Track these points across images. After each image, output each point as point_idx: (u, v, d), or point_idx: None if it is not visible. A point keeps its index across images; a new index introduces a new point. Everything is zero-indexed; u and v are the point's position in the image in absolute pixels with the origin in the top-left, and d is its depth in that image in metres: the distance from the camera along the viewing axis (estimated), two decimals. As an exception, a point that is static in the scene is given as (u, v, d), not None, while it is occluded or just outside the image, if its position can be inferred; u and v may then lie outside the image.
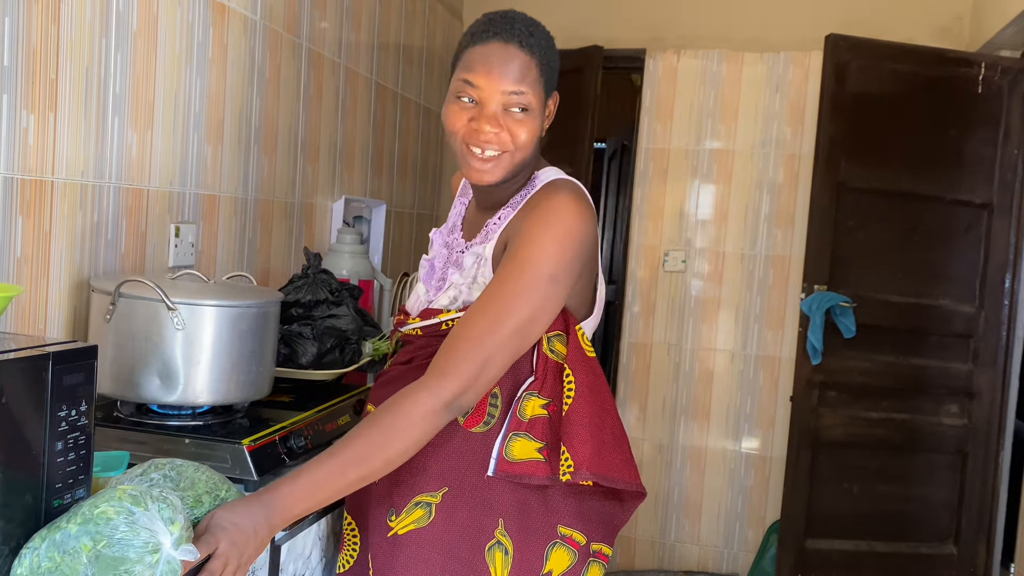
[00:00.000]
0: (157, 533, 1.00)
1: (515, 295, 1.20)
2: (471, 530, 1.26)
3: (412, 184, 3.40)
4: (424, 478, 1.28)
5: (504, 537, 1.26)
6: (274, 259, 2.39)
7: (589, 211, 1.26)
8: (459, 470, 1.27)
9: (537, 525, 1.27)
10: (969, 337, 3.22)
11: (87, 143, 1.63)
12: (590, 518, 1.31)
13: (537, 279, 1.20)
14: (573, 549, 1.29)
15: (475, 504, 1.26)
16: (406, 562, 1.27)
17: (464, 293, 1.32)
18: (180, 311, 1.45)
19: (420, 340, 1.35)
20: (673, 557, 3.78)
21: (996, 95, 3.16)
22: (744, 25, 3.62)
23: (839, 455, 3.22)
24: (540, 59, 1.26)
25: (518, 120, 1.26)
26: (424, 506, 1.28)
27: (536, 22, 1.30)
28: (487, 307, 1.21)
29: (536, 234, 1.22)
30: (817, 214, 3.16)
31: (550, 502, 1.28)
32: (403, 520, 1.28)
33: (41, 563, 0.98)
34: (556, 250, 1.21)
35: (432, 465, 1.28)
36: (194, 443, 1.45)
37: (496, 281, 1.22)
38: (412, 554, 1.27)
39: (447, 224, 1.48)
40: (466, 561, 1.26)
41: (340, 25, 2.65)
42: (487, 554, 1.26)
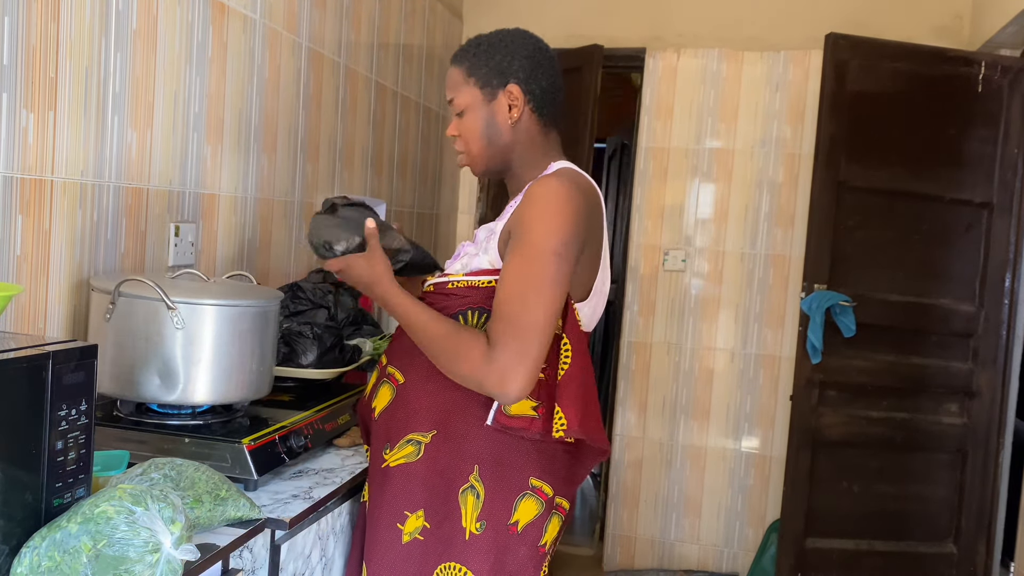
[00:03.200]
0: (157, 532, 1.00)
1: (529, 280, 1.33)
2: (450, 471, 1.41)
3: (412, 183, 3.40)
4: (418, 419, 1.44)
5: (477, 482, 1.40)
6: (274, 258, 2.39)
7: (577, 191, 1.39)
8: (449, 417, 1.42)
9: (510, 476, 1.41)
10: (969, 336, 3.22)
11: (87, 142, 1.63)
12: (557, 473, 1.44)
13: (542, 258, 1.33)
14: (541, 500, 1.42)
15: (456, 449, 1.41)
16: (393, 491, 1.44)
17: (472, 261, 1.46)
18: (180, 310, 1.45)
19: (430, 297, 1.48)
20: (673, 556, 3.78)
21: (996, 94, 3.15)
22: (744, 24, 3.62)
23: (839, 454, 3.22)
24: (468, 64, 1.48)
25: (461, 122, 1.51)
26: (415, 443, 1.44)
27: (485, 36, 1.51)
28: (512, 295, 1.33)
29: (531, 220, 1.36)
30: (817, 213, 3.16)
31: (524, 456, 1.41)
32: (395, 454, 1.45)
33: (41, 562, 0.98)
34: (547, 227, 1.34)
35: (426, 408, 1.44)
36: (194, 442, 1.45)
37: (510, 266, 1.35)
38: (399, 486, 1.43)
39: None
40: (443, 499, 1.41)
41: (340, 24, 2.65)
42: (460, 495, 1.40)
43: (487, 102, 1.47)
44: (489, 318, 1.38)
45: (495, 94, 1.47)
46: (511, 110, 1.47)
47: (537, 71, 1.48)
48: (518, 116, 1.47)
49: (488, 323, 1.36)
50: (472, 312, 1.41)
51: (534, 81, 1.47)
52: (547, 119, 1.50)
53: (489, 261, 1.42)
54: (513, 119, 1.47)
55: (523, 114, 1.48)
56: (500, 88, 1.47)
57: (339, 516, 1.61)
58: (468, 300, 1.42)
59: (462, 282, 1.43)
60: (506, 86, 1.46)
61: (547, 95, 1.49)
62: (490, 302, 1.38)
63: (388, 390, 1.50)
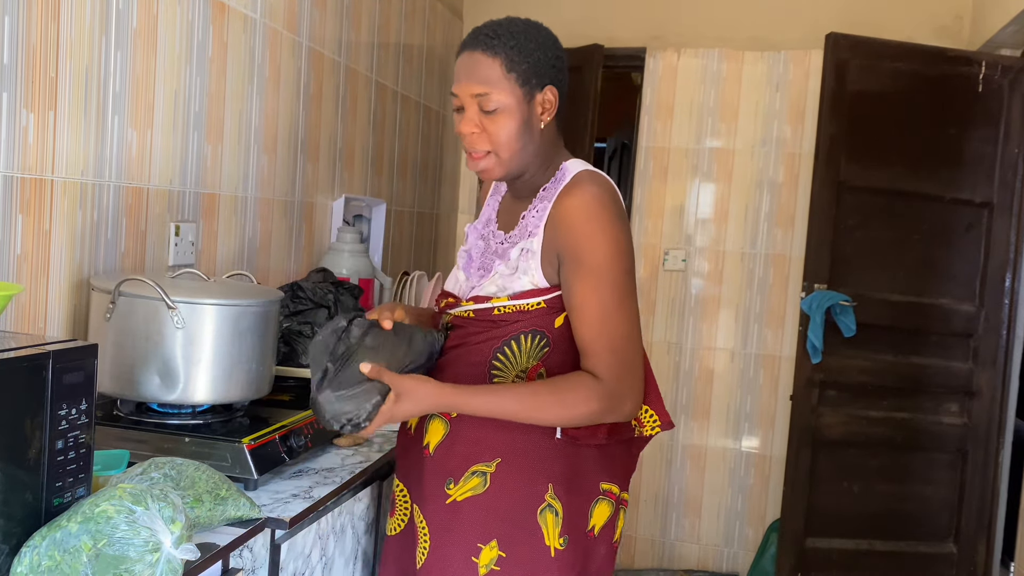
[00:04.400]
0: (157, 532, 1.00)
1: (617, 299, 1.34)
2: (522, 496, 1.38)
3: (412, 183, 3.40)
4: (479, 449, 1.39)
5: (554, 500, 1.38)
6: (274, 258, 2.39)
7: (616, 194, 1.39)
8: (511, 442, 1.38)
9: (582, 486, 1.41)
10: (969, 336, 3.22)
11: (87, 142, 1.63)
12: (617, 471, 1.46)
13: (620, 275, 1.34)
14: (611, 501, 1.45)
15: (526, 472, 1.38)
16: (464, 526, 1.39)
17: (509, 282, 1.41)
18: (180, 310, 1.45)
19: (472, 325, 1.42)
20: (673, 556, 3.78)
21: (996, 94, 3.15)
22: (744, 24, 3.62)
23: (839, 454, 3.22)
24: (506, 57, 1.35)
25: (493, 119, 1.37)
26: (480, 475, 1.39)
27: (511, 23, 1.39)
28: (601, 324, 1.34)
29: (591, 240, 1.33)
30: (817, 213, 3.16)
31: (593, 462, 1.42)
32: (461, 488, 1.40)
33: (41, 561, 0.98)
34: (614, 245, 1.34)
35: (486, 437, 1.39)
36: (194, 442, 1.45)
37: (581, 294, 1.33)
38: (470, 519, 1.39)
39: (480, 219, 1.58)
40: (519, 524, 1.38)
41: (340, 24, 2.65)
42: (539, 516, 1.38)
43: (526, 102, 1.37)
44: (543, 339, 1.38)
45: (533, 94, 1.37)
46: (542, 113, 1.39)
47: (563, 73, 1.41)
48: (549, 120, 1.40)
49: (585, 357, 1.34)
50: (525, 336, 1.38)
51: (563, 86, 1.41)
52: (560, 120, 1.44)
53: (531, 282, 1.38)
54: (544, 123, 1.39)
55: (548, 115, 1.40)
56: (538, 89, 1.37)
57: (339, 516, 1.61)
58: (520, 324, 1.38)
59: (510, 307, 1.38)
60: (543, 88, 1.38)
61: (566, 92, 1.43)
62: (541, 322, 1.37)
63: (440, 424, 1.42)
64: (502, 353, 1.39)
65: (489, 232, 1.51)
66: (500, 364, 1.39)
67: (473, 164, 1.41)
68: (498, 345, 1.39)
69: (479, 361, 1.40)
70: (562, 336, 1.39)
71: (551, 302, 1.38)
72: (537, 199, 1.42)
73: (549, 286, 1.38)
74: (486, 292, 1.41)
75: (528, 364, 1.39)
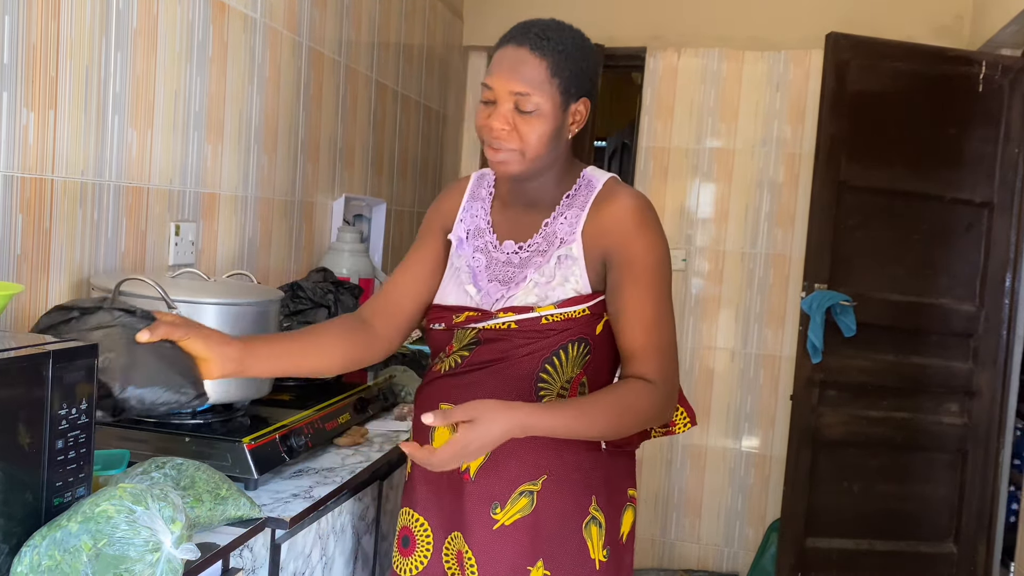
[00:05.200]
0: (158, 532, 1.00)
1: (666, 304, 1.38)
2: (568, 511, 1.36)
3: (412, 183, 3.40)
4: (526, 468, 1.35)
5: (598, 512, 1.38)
6: (274, 257, 2.39)
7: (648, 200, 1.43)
8: (555, 457, 1.36)
9: (617, 495, 1.42)
10: (969, 336, 3.22)
11: (87, 141, 1.63)
12: (633, 474, 1.48)
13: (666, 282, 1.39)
14: (634, 506, 1.46)
15: (572, 486, 1.36)
16: (512, 551, 1.35)
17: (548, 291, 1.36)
18: (180, 309, 1.45)
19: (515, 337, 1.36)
20: (673, 556, 3.78)
21: (997, 94, 3.15)
22: (744, 24, 3.62)
23: (839, 454, 3.22)
24: (553, 62, 1.32)
25: (526, 120, 1.32)
26: (527, 495, 1.36)
27: (560, 27, 1.36)
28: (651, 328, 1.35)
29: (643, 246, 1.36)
30: (817, 213, 3.16)
31: (624, 470, 1.44)
32: (510, 511, 1.36)
33: (41, 561, 0.98)
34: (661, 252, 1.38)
35: (532, 455, 1.35)
36: (194, 441, 1.45)
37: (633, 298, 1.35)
38: (518, 542, 1.35)
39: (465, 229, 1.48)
40: (565, 539, 1.35)
41: (340, 24, 2.65)
42: (584, 530, 1.37)
43: (562, 110, 1.34)
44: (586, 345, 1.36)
45: (568, 104, 1.35)
46: (572, 124, 1.38)
47: (596, 87, 1.41)
48: (576, 132, 1.39)
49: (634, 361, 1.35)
50: (572, 344, 1.36)
51: (596, 98, 1.41)
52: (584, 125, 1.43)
53: (575, 289, 1.36)
54: (572, 134, 1.39)
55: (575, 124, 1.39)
56: (574, 99, 1.36)
57: (339, 515, 1.61)
58: (568, 333, 1.35)
59: (558, 315, 1.35)
60: (579, 99, 1.36)
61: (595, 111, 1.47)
62: (587, 329, 1.36)
63: None
64: (550, 364, 1.35)
65: (486, 243, 1.44)
66: (547, 376, 1.35)
67: (493, 154, 1.35)
68: (547, 355, 1.35)
69: (525, 374, 1.35)
70: (601, 342, 1.38)
71: (594, 308, 1.36)
72: (562, 206, 1.40)
73: (592, 292, 1.36)
74: (525, 302, 1.36)
75: (572, 373, 1.37)
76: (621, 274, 1.35)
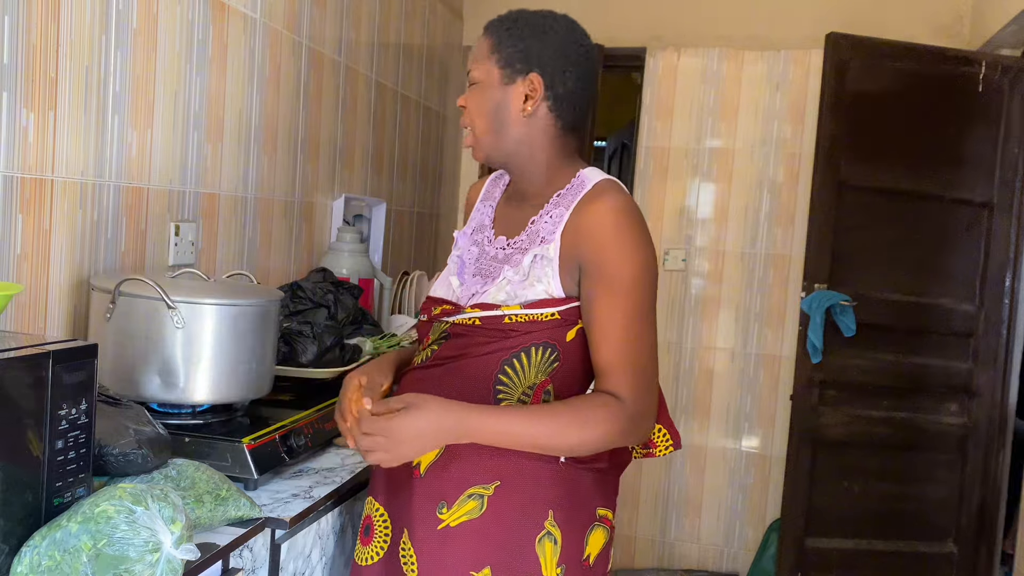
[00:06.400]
0: (157, 532, 1.00)
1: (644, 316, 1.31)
2: (521, 522, 1.30)
3: (412, 183, 3.40)
4: (478, 470, 1.31)
5: (554, 528, 1.31)
6: (274, 258, 2.39)
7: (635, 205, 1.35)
8: (511, 464, 1.30)
9: (580, 512, 1.34)
10: (969, 336, 3.22)
11: (87, 141, 1.63)
12: (610, 495, 1.40)
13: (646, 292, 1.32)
14: (607, 528, 1.38)
15: (527, 496, 1.30)
16: (456, 553, 1.30)
17: (520, 290, 1.32)
18: (180, 310, 1.45)
19: (477, 334, 1.33)
20: (673, 556, 3.78)
21: (997, 94, 3.15)
22: (744, 23, 3.62)
23: (839, 454, 3.22)
24: (496, 38, 1.36)
25: (471, 93, 1.38)
26: (477, 498, 1.31)
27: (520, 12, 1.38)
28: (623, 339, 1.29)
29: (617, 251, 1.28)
30: (817, 213, 3.15)
31: (591, 488, 1.35)
32: (456, 512, 1.31)
33: (41, 561, 0.98)
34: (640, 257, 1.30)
35: (486, 458, 1.30)
36: (194, 442, 1.45)
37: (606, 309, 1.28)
38: (462, 546, 1.30)
39: (469, 226, 1.51)
40: (516, 552, 1.30)
41: (340, 24, 2.65)
42: (537, 545, 1.30)
43: (502, 84, 1.34)
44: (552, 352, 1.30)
45: (514, 79, 1.34)
46: (527, 101, 1.34)
47: (567, 69, 1.35)
48: (531, 110, 1.34)
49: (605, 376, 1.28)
50: (536, 348, 1.30)
51: (559, 79, 1.34)
52: (566, 123, 1.37)
53: (546, 291, 1.30)
54: (527, 112, 1.34)
55: (539, 109, 1.35)
56: (521, 75, 1.34)
57: (339, 515, 1.61)
58: (532, 336, 1.30)
59: (523, 316, 1.30)
60: (528, 74, 1.33)
61: (571, 98, 1.36)
62: (553, 335, 1.30)
63: None
64: (510, 366, 1.30)
65: (484, 238, 1.44)
66: (507, 379, 1.30)
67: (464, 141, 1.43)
68: (506, 357, 1.30)
69: (482, 376, 1.31)
70: (573, 351, 1.31)
71: (565, 314, 1.30)
72: (550, 204, 1.36)
73: (564, 296, 1.30)
74: (494, 299, 1.33)
75: (536, 380, 1.30)
76: (594, 283, 1.28)
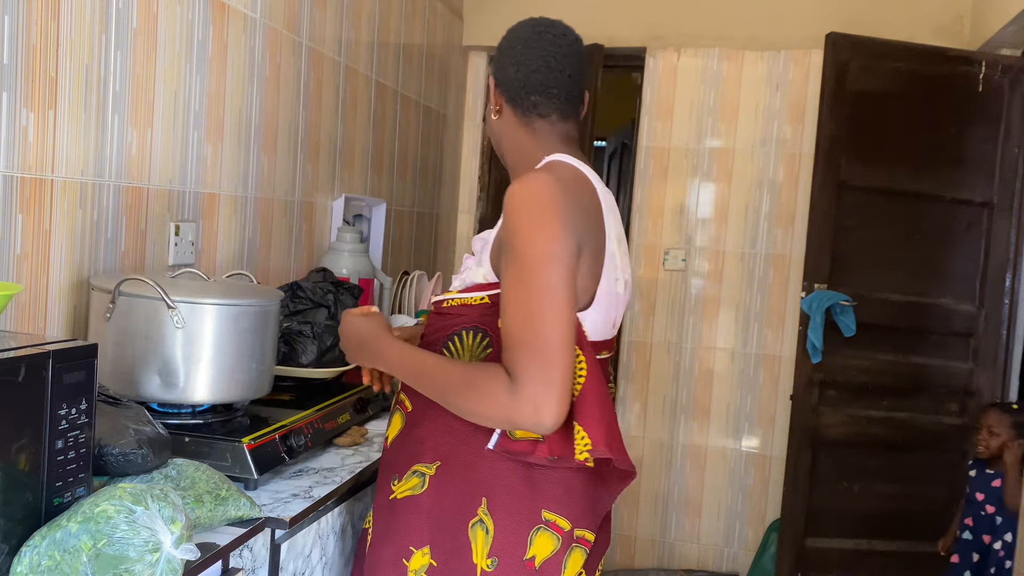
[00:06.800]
0: (157, 532, 1.00)
1: (528, 294, 1.20)
2: (457, 505, 1.30)
3: (412, 183, 3.40)
4: (423, 449, 1.34)
5: (486, 516, 1.29)
6: (274, 257, 2.39)
7: (558, 186, 1.25)
8: (451, 446, 1.32)
9: (521, 508, 1.29)
10: (969, 336, 3.22)
11: (87, 141, 1.63)
12: (574, 504, 1.31)
13: (536, 268, 1.20)
14: (557, 535, 1.29)
15: (463, 481, 1.30)
16: (400, 526, 1.34)
17: (470, 275, 1.35)
18: (180, 310, 1.45)
19: (430, 320, 1.41)
20: (673, 555, 3.78)
21: (997, 94, 3.15)
22: (744, 23, 3.62)
23: (839, 454, 3.22)
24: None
25: None
26: (419, 475, 1.34)
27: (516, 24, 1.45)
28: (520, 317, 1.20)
29: (518, 227, 1.22)
30: (817, 213, 3.16)
31: (537, 486, 1.29)
32: (402, 486, 1.35)
33: (41, 561, 0.98)
34: (534, 233, 1.21)
35: (429, 438, 1.33)
36: (194, 442, 1.45)
37: (508, 287, 1.22)
38: (406, 519, 1.34)
39: None
40: (451, 534, 1.30)
41: (340, 23, 2.65)
42: (470, 530, 1.29)
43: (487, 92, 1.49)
44: (484, 337, 1.30)
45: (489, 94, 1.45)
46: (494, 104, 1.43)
47: (505, 59, 1.40)
48: (498, 110, 1.42)
49: (504, 353, 1.21)
50: (466, 332, 1.31)
51: (501, 70, 1.41)
52: (525, 108, 1.39)
53: (483, 275, 1.31)
54: (495, 114, 1.43)
55: (503, 108, 1.41)
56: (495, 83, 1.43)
57: (339, 515, 1.61)
58: (463, 319, 1.31)
59: (456, 300, 1.33)
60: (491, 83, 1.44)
61: (518, 82, 1.38)
62: (485, 320, 1.30)
63: (399, 418, 1.40)
64: (447, 349, 1.33)
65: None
66: None
67: None
68: (443, 340, 1.33)
69: None
70: None
71: (496, 299, 1.28)
72: None
73: (496, 281, 1.29)
74: (453, 287, 1.38)
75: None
76: (506, 262, 1.23)
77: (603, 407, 1.24)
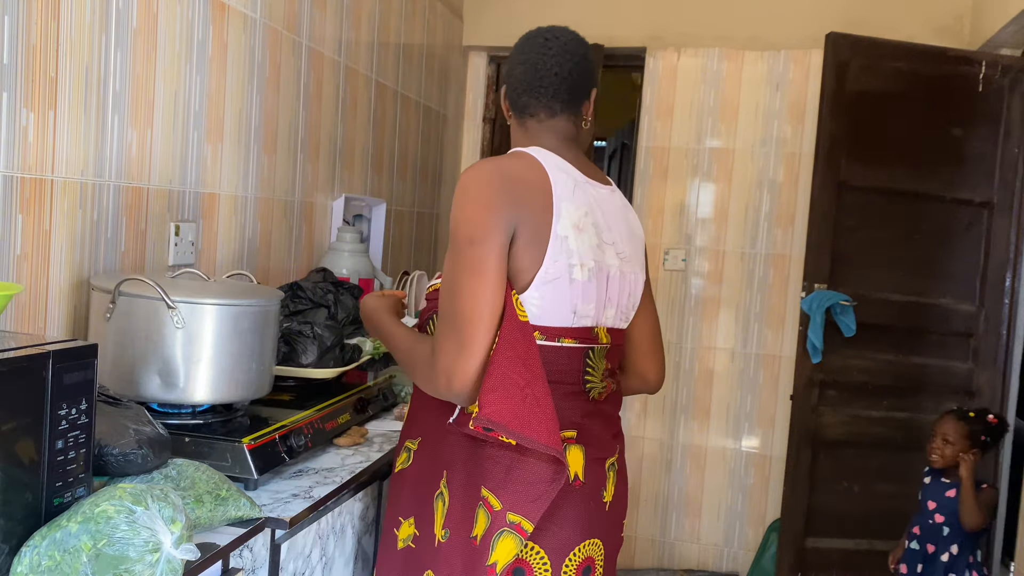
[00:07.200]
0: (157, 532, 1.00)
1: (453, 272, 1.31)
2: (428, 477, 1.40)
3: (412, 183, 3.40)
4: (410, 426, 1.49)
5: (445, 489, 1.36)
6: (274, 258, 2.39)
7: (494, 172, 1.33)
8: (428, 422, 1.42)
9: (470, 485, 1.33)
10: (969, 336, 3.22)
11: (87, 141, 1.63)
12: (514, 487, 1.29)
13: (460, 248, 1.30)
14: (488, 513, 1.29)
15: (432, 455, 1.40)
16: (394, 497, 1.48)
17: None
18: (180, 310, 1.45)
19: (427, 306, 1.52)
20: (673, 555, 3.78)
21: (997, 93, 3.15)
22: (744, 23, 3.62)
23: (839, 454, 3.22)
24: None
25: None
26: (407, 450, 1.47)
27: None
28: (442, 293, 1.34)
29: (452, 211, 1.34)
30: (817, 213, 3.15)
31: (482, 464, 1.32)
32: (399, 460, 1.49)
33: (41, 561, 0.98)
34: (461, 215, 1.31)
35: (417, 415, 1.48)
36: (194, 442, 1.45)
37: (444, 267, 1.36)
38: (397, 492, 1.47)
39: None
40: (424, 505, 1.40)
41: (340, 23, 2.65)
42: (435, 501, 1.38)
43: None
44: None
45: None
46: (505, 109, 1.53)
47: (506, 66, 1.52)
48: (509, 114, 1.51)
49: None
50: (435, 318, 1.43)
51: (504, 77, 1.51)
52: (519, 109, 1.47)
53: None
54: (508, 119, 1.52)
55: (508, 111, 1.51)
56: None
57: (339, 515, 1.61)
58: (433, 305, 1.44)
59: (433, 286, 1.46)
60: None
61: (514, 85, 1.47)
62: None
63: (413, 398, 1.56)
64: (426, 331, 1.47)
65: None
66: None
67: None
68: (425, 324, 1.48)
69: None
70: None
71: None
72: None
73: None
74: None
75: None
76: None
77: (509, 381, 1.25)
